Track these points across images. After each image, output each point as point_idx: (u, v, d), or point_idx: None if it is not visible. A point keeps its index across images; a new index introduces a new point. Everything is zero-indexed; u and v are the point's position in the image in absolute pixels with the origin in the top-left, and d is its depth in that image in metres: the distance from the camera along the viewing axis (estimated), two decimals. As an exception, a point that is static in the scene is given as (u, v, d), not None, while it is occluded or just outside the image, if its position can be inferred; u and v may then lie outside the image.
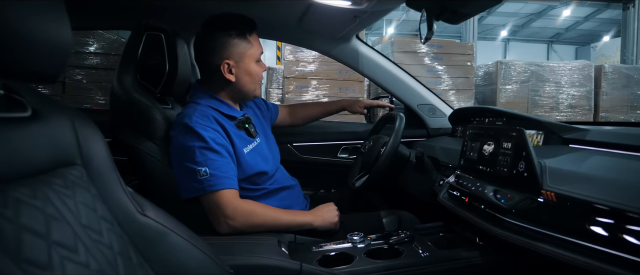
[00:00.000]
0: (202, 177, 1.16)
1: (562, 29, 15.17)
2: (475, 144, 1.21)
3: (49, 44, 0.64)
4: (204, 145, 1.19)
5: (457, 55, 4.46)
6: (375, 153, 1.52)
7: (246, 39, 1.29)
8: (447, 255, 1.12)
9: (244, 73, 1.31)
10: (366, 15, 1.43)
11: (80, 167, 0.74)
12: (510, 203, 0.97)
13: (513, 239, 0.91)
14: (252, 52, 1.30)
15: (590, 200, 0.77)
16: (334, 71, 4.03)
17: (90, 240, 0.66)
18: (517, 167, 0.99)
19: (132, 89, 1.30)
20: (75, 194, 0.68)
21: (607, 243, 0.72)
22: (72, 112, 0.76)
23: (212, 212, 1.19)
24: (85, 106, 3.35)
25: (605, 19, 13.38)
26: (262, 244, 1.10)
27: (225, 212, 1.17)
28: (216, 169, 1.18)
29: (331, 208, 1.38)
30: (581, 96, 4.95)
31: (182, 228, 0.90)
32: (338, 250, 1.16)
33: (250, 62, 1.31)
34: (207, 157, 1.18)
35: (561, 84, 4.94)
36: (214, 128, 1.23)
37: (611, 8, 11.98)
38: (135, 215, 0.82)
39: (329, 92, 4.05)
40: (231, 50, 1.28)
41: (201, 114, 1.24)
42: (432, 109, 1.94)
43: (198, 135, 1.19)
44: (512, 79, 4.84)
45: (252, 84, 1.34)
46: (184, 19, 1.70)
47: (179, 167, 1.21)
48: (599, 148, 1.09)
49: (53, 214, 0.60)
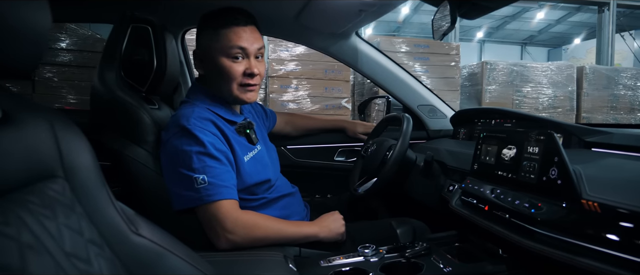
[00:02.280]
0: (200, 186, 1.04)
1: (536, 32, 15.52)
2: (491, 148, 1.14)
3: (24, 33, 0.52)
4: (202, 151, 1.06)
5: (442, 55, 4.43)
6: (380, 157, 1.43)
7: (215, 29, 1.15)
8: (471, 270, 1.04)
9: (211, 67, 1.18)
10: (373, 9, 1.34)
11: (62, 181, 0.61)
12: (541, 213, 0.89)
13: (549, 252, 0.83)
14: (218, 46, 1.14)
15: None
16: (320, 70, 3.94)
17: (77, 271, 0.54)
18: (548, 174, 0.91)
19: (116, 88, 1.17)
20: (57, 214, 0.55)
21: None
22: (51, 114, 0.63)
23: (209, 225, 1.07)
24: (56, 106, 3.15)
25: (577, 22, 13.75)
26: (267, 261, 0.99)
27: (224, 226, 1.05)
28: (215, 177, 1.06)
29: (336, 217, 1.29)
30: (564, 97, 5.03)
31: (180, 247, 0.78)
32: (350, 265, 1.06)
33: (217, 55, 1.15)
34: (205, 164, 1.06)
35: (544, 85, 5.00)
36: (213, 132, 1.11)
37: (582, 11, 12.32)
38: (129, 236, 0.70)
39: (314, 92, 3.96)
40: (200, 40, 1.20)
41: (199, 116, 1.11)
42: (433, 110, 1.87)
43: (196, 138, 1.07)
44: (496, 79, 4.87)
45: (224, 83, 1.18)
46: (172, 11, 1.57)
47: (172, 173, 1.09)
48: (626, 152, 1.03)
49: (29, 242, 0.48)
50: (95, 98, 1.19)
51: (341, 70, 3.92)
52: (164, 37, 1.26)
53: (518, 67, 4.94)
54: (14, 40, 0.51)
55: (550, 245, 0.83)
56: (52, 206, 0.56)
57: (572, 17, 13.36)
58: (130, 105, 1.16)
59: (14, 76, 0.56)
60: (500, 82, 4.90)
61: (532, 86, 4.98)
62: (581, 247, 0.77)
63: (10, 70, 0.54)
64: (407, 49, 4.37)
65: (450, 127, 1.86)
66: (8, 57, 0.52)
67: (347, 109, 4.00)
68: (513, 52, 16.98)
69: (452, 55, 4.46)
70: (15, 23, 0.50)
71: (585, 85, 5.15)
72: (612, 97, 5.23)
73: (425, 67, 4.39)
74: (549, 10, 12.85)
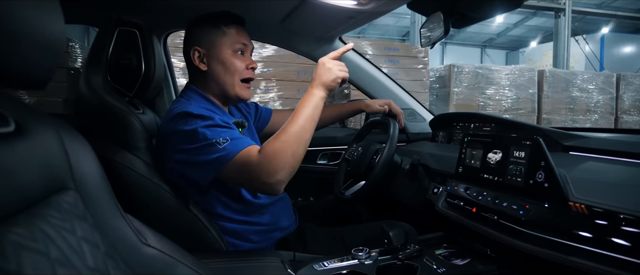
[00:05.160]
0: (223, 145, 1.03)
1: (495, 35, 16.08)
2: (476, 151, 1.18)
3: (40, 42, 0.51)
4: (211, 124, 1.07)
5: (411, 58, 4.51)
6: (366, 161, 1.45)
7: (220, 28, 1.22)
8: (464, 270, 1.08)
9: (216, 62, 1.22)
10: (363, 16, 1.36)
11: (74, 192, 0.60)
12: (529, 214, 0.94)
13: (538, 251, 0.88)
14: (226, 40, 1.22)
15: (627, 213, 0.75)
16: (292, 72, 3.95)
17: (102, 288, 0.53)
18: (535, 177, 0.96)
19: (103, 92, 1.13)
20: (75, 228, 0.55)
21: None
22: (57, 124, 0.62)
23: (247, 180, 1.04)
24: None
25: (533, 26, 14.34)
26: (266, 266, 1.00)
27: (259, 176, 1.01)
28: (232, 136, 1.06)
29: (323, 68, 1.18)
30: (525, 99, 5.26)
31: (187, 256, 0.78)
32: (346, 269, 1.08)
33: (224, 50, 1.21)
34: (218, 131, 1.06)
35: (507, 87, 5.21)
36: (216, 112, 1.15)
37: (538, 16, 12.86)
38: (139, 247, 0.69)
39: (286, 93, 3.97)
40: (201, 38, 1.23)
41: (198, 106, 1.14)
42: (413, 113, 1.92)
43: (202, 116, 1.08)
44: (463, 82, 5.02)
45: (228, 76, 1.23)
46: (158, 14, 1.54)
47: (188, 154, 1.07)
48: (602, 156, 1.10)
49: (58, 258, 0.47)
50: (81, 103, 1.15)
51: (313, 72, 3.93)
52: (152, 41, 1.24)
53: (483, 70, 5.12)
54: (29, 52, 0.50)
55: (538, 245, 0.88)
56: (70, 220, 0.55)
57: (528, 21, 13.92)
58: (119, 111, 1.13)
59: (30, 87, 0.55)
60: (466, 84, 5.06)
61: (495, 88, 5.17)
62: (569, 246, 0.82)
63: (26, 80, 0.53)
64: (378, 51, 4.43)
65: (429, 130, 1.91)
66: (24, 68, 0.51)
67: (320, 110, 4.02)
68: (473, 54, 17.53)
69: (421, 58, 4.55)
70: (30, 31, 0.49)
71: (546, 87, 5.41)
72: (569, 99, 5.52)
73: (395, 69, 4.47)
74: (507, 14, 13.34)
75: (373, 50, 4.42)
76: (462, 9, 1.05)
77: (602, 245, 0.76)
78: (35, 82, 0.54)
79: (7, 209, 0.45)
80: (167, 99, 1.82)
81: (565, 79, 5.50)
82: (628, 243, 0.72)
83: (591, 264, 0.77)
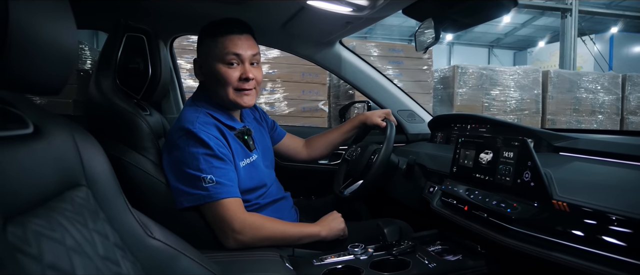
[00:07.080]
0: (208, 185, 1.11)
1: (502, 34, 15.96)
2: (469, 152, 1.22)
3: (56, 51, 0.56)
4: (209, 153, 1.13)
5: (416, 60, 4.53)
6: (365, 161, 1.50)
7: (214, 39, 1.22)
8: (454, 265, 1.13)
9: (209, 74, 1.25)
10: (360, 22, 1.41)
11: (86, 189, 0.66)
12: (516, 212, 0.98)
13: (523, 247, 0.92)
14: (216, 52, 1.21)
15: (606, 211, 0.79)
16: (297, 73, 3.99)
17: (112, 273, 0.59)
18: (522, 176, 1.00)
19: (112, 95, 1.20)
20: (87, 221, 0.60)
21: (625, 252, 0.74)
22: (71, 126, 0.68)
23: (218, 225, 1.13)
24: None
25: (541, 25, 14.23)
26: (266, 261, 1.05)
27: (233, 226, 1.12)
28: (222, 177, 1.13)
29: (336, 216, 1.36)
30: (530, 100, 5.25)
31: (190, 249, 0.84)
32: (342, 263, 1.13)
33: (213, 62, 1.22)
34: (212, 165, 1.12)
35: (511, 88, 5.21)
36: (217, 136, 1.18)
37: (546, 16, 12.77)
38: (145, 239, 0.75)
39: (291, 94, 4.01)
40: (200, 49, 1.28)
41: (203, 121, 1.18)
42: (412, 114, 1.96)
43: (202, 141, 1.13)
44: (467, 82, 5.03)
45: (220, 88, 1.23)
46: (163, 19, 1.60)
47: (178, 174, 1.14)
48: (591, 156, 1.13)
49: (73, 246, 0.53)
50: (92, 105, 1.22)
51: (318, 74, 3.98)
52: (159, 46, 1.30)
53: (487, 71, 5.12)
54: (45, 60, 0.55)
55: (524, 241, 0.92)
56: (82, 213, 0.60)
57: (536, 21, 13.82)
58: (127, 113, 1.19)
59: (45, 93, 0.60)
60: (470, 85, 5.06)
61: (500, 89, 5.17)
62: (552, 243, 0.86)
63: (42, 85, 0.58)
64: (382, 52, 4.46)
65: (428, 131, 1.95)
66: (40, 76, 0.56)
67: (324, 111, 4.07)
68: (481, 54, 17.41)
69: (425, 59, 4.56)
70: (45, 39, 0.53)
71: (550, 88, 5.40)
72: (575, 100, 5.51)
73: (399, 70, 4.49)
74: (514, 14, 13.26)
75: (377, 52, 4.44)
76: (453, 15, 1.10)
77: (584, 241, 0.80)
78: (50, 88, 0.59)
79: (28, 202, 0.51)
80: (173, 101, 1.88)
81: (570, 80, 5.49)
82: (610, 240, 0.76)
83: (572, 259, 0.81)
